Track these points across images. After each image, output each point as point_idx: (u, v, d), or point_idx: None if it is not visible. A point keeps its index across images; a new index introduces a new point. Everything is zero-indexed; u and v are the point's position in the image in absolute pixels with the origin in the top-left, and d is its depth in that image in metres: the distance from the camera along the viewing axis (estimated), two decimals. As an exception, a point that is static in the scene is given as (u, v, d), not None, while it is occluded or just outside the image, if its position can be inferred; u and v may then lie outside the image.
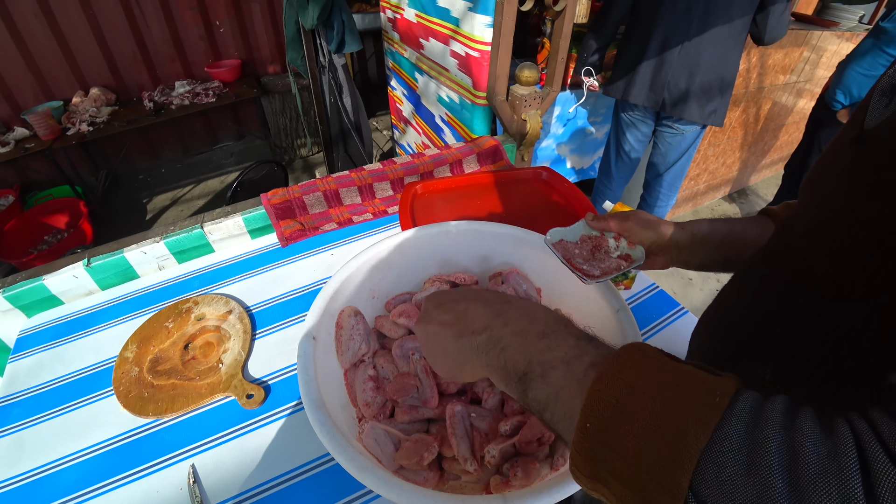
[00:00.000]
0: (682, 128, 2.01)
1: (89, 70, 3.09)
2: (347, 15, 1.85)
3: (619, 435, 0.30)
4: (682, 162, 2.16)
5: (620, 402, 0.31)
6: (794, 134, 3.49)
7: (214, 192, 3.40)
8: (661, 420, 0.29)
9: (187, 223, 1.09)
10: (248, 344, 0.85)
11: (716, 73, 1.82)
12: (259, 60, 3.68)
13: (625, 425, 0.30)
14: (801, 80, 2.95)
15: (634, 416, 0.30)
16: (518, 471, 0.53)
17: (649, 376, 0.32)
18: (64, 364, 0.89)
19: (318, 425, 0.50)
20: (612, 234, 0.70)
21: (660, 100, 1.91)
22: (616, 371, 0.32)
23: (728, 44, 1.77)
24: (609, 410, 0.31)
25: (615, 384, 0.31)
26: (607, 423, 0.31)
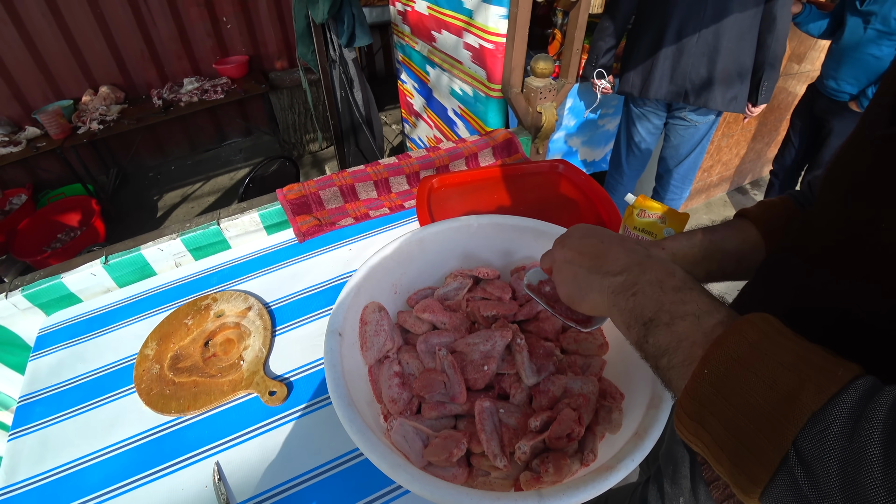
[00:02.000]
0: (695, 119, 1.96)
1: (98, 69, 3.10)
2: (358, 8, 1.83)
3: (734, 384, 0.32)
4: (695, 154, 2.11)
5: (742, 356, 0.33)
6: (809, 123, 3.43)
7: (224, 188, 3.40)
8: (779, 379, 0.31)
9: (203, 220, 1.09)
10: (268, 340, 0.85)
11: (735, 57, 1.76)
12: (266, 56, 3.67)
13: (741, 378, 0.32)
14: (815, 69, 2.89)
15: (753, 371, 0.32)
16: (549, 466, 0.52)
17: (774, 341, 0.33)
18: (84, 362, 0.89)
19: (348, 423, 0.49)
20: None
21: (682, 91, 1.84)
22: (743, 328, 0.34)
23: (744, 26, 1.71)
24: (729, 362, 0.33)
25: (740, 340, 0.34)
26: (725, 372, 0.33)
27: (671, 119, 2.05)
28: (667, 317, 0.39)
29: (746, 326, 0.34)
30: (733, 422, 0.32)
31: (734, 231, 0.63)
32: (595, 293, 0.46)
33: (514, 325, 0.69)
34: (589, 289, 0.47)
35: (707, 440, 0.34)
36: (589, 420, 0.59)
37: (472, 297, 0.76)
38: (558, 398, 0.62)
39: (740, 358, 0.33)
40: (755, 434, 0.30)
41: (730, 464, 0.32)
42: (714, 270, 0.62)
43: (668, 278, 0.42)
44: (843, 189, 0.44)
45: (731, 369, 0.33)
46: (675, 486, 0.68)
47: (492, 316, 0.71)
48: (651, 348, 0.39)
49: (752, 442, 0.30)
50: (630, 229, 0.92)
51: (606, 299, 0.45)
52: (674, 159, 2.14)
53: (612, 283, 0.45)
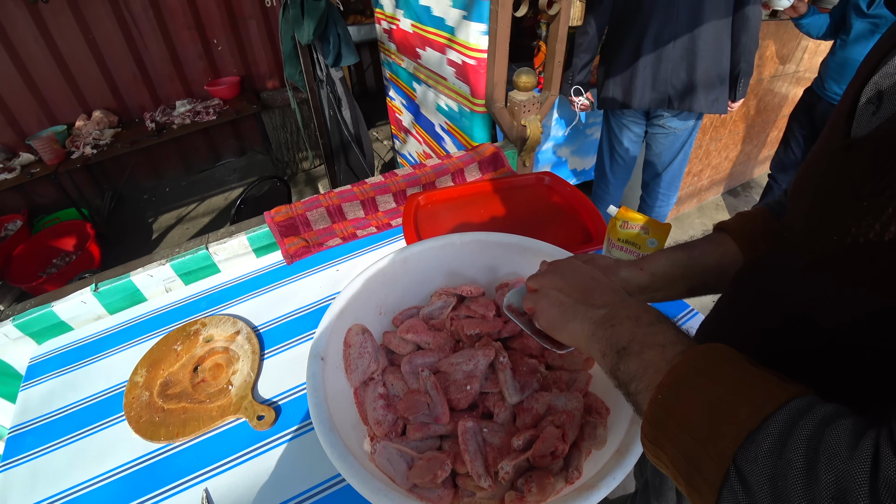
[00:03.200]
0: (675, 126, 1.97)
1: (91, 93, 3.13)
2: (343, 28, 1.86)
3: (682, 407, 0.35)
4: (678, 160, 2.11)
5: (690, 381, 0.36)
6: (797, 125, 3.47)
7: (219, 208, 3.42)
8: (722, 401, 0.33)
9: (192, 244, 1.09)
10: (256, 364, 0.85)
11: (713, 59, 1.78)
12: (258, 76, 3.71)
13: (688, 401, 0.35)
14: (799, 70, 2.93)
15: (699, 395, 0.35)
16: (533, 486, 0.53)
17: (722, 368, 0.36)
18: (75, 390, 0.90)
19: (330, 448, 0.50)
20: None
21: (665, 97, 1.85)
22: (695, 357, 0.37)
23: (719, 28, 1.74)
24: (678, 386, 0.36)
25: (690, 367, 0.37)
26: (675, 397, 0.36)
27: (650, 127, 2.05)
28: (638, 346, 0.42)
29: (698, 355, 0.37)
30: (682, 443, 0.34)
31: (714, 246, 0.64)
32: (577, 322, 0.49)
33: (497, 343, 0.69)
34: (573, 317, 0.50)
35: (665, 461, 0.36)
36: (574, 437, 0.60)
37: (456, 316, 0.77)
38: (542, 416, 0.62)
39: (689, 383, 0.36)
40: (701, 454, 0.32)
41: (684, 483, 0.34)
42: (695, 286, 0.63)
43: (644, 314, 0.45)
44: (809, 199, 0.45)
45: (679, 393, 0.36)
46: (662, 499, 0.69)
47: (475, 334, 0.72)
48: (622, 375, 0.42)
49: (699, 461, 0.32)
50: (614, 241, 0.93)
51: (587, 328, 0.48)
52: (658, 167, 2.15)
53: (595, 314, 0.48)
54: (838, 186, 0.40)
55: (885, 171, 0.35)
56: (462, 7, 1.42)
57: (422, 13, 1.69)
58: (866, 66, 0.43)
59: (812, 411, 0.30)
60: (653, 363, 0.40)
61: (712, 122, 2.58)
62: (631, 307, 0.47)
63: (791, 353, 0.44)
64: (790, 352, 0.45)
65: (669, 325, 0.44)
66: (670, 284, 0.62)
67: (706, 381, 0.35)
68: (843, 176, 0.40)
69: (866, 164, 0.37)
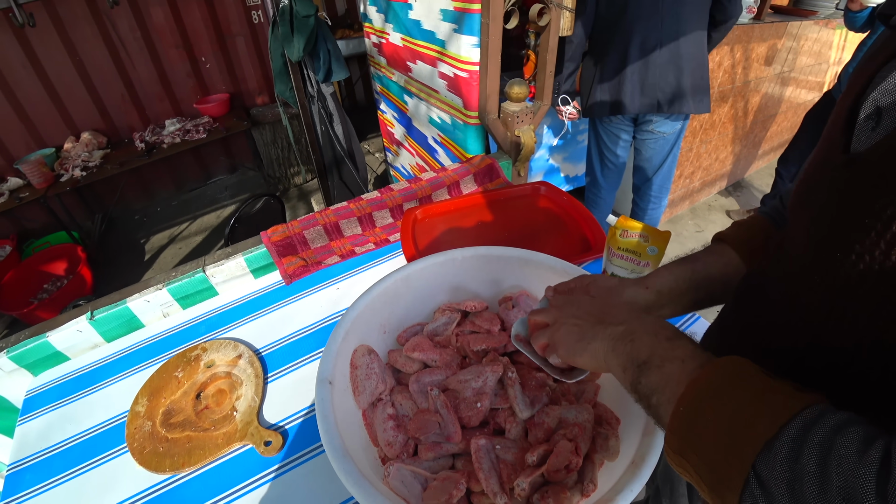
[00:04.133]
0: (663, 130, 2.00)
1: (79, 115, 3.11)
2: (332, 44, 1.86)
3: (704, 419, 0.37)
4: (668, 163, 2.14)
5: (711, 393, 0.37)
6: (783, 123, 3.52)
7: (211, 227, 3.40)
8: (740, 412, 0.35)
9: (189, 267, 1.08)
10: (261, 388, 0.84)
11: (698, 62, 1.83)
12: (247, 93, 3.71)
13: (709, 413, 0.37)
14: (785, 70, 2.98)
15: (719, 407, 0.36)
16: (549, 501, 0.52)
17: (740, 379, 0.38)
18: (74, 423, 0.88)
19: (344, 475, 0.49)
20: None
21: (654, 102, 1.88)
22: (715, 370, 0.39)
23: (698, 28, 1.79)
24: (699, 399, 0.38)
25: (710, 380, 0.38)
26: (696, 409, 0.38)
27: (639, 133, 2.08)
28: (658, 360, 0.43)
29: (718, 368, 0.39)
30: (706, 453, 0.36)
31: (715, 257, 0.64)
32: (598, 341, 0.50)
33: (504, 359, 0.69)
34: (592, 338, 0.51)
35: (690, 471, 0.37)
36: (586, 449, 0.59)
37: (461, 332, 0.77)
38: (554, 430, 0.62)
39: (709, 395, 0.37)
40: (723, 462, 0.34)
41: (708, 490, 0.36)
42: (701, 298, 0.63)
43: (662, 330, 0.47)
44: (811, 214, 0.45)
45: (701, 406, 0.37)
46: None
47: (482, 350, 0.71)
48: (643, 388, 0.44)
49: (722, 469, 0.34)
50: (614, 250, 0.93)
51: (607, 345, 0.49)
52: (649, 171, 2.18)
53: (614, 331, 0.49)
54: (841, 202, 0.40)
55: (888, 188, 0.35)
56: (453, 20, 1.43)
57: (412, 27, 1.70)
58: (860, 79, 0.44)
59: (824, 419, 0.32)
60: (673, 376, 0.41)
61: (702, 124, 2.62)
62: (648, 323, 0.49)
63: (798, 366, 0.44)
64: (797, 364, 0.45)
65: (688, 340, 0.45)
66: (676, 300, 0.62)
67: (725, 393, 0.37)
68: (846, 192, 0.40)
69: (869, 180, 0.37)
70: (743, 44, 2.45)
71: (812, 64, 3.21)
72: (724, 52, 2.37)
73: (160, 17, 3.12)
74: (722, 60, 2.39)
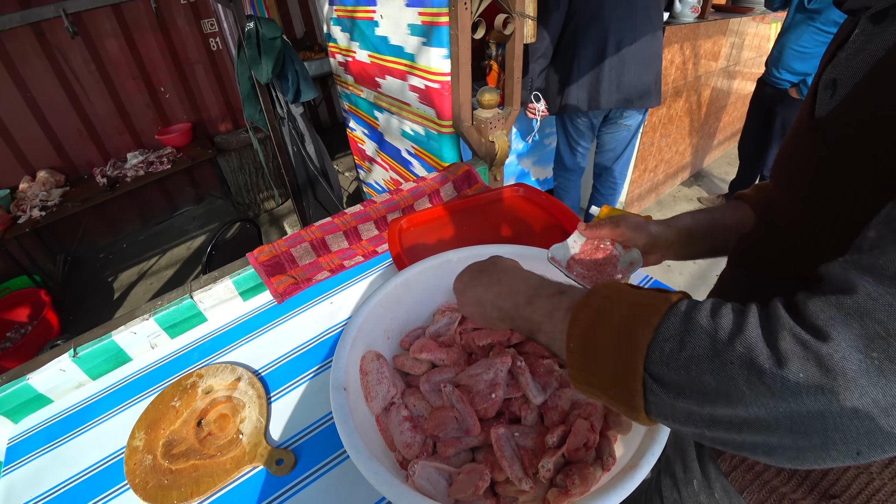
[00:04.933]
0: (630, 123, 2.15)
1: (34, 153, 3.00)
2: (300, 65, 1.87)
3: (593, 344, 0.41)
4: (629, 150, 2.32)
5: (591, 320, 0.42)
6: (734, 114, 3.72)
7: (182, 259, 3.30)
8: (620, 328, 0.40)
9: (175, 295, 1.06)
10: (265, 409, 0.83)
11: (658, 56, 1.97)
12: (209, 121, 3.66)
13: (596, 337, 0.41)
14: (731, 64, 3.16)
15: (601, 328, 0.41)
16: (575, 478, 0.54)
17: (612, 299, 0.42)
18: (67, 466, 0.84)
19: (373, 476, 0.49)
20: (608, 240, 0.72)
21: (630, 98, 2.00)
22: (589, 300, 0.44)
23: (660, 27, 1.94)
24: (584, 328, 0.42)
25: (586, 311, 0.43)
26: (583, 340, 0.42)
27: (606, 126, 2.22)
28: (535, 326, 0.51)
29: (591, 297, 0.44)
30: (605, 373, 0.40)
31: (732, 210, 0.70)
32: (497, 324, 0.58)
33: (511, 350, 0.70)
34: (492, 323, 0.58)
35: (599, 395, 0.42)
36: (600, 426, 0.61)
37: (464, 330, 0.78)
38: (568, 411, 0.63)
39: (590, 322, 0.42)
40: (622, 375, 0.39)
41: (619, 403, 0.40)
42: (717, 245, 0.69)
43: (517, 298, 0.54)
44: (785, 175, 0.51)
45: (586, 333, 0.42)
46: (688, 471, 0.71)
47: (487, 344, 0.72)
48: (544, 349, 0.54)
49: (623, 381, 0.39)
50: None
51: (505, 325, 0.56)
52: (611, 159, 2.34)
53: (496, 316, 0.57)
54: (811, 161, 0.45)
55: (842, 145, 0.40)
56: (421, 34, 1.46)
57: (379, 43, 1.73)
58: (824, 59, 0.49)
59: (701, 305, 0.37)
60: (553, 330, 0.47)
61: (661, 119, 2.73)
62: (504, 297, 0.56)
63: None
64: None
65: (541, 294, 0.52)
66: (695, 241, 0.68)
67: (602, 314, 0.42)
68: (814, 152, 0.45)
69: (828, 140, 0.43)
70: (691, 41, 2.58)
71: (754, 56, 3.41)
72: (675, 50, 2.50)
73: (115, 48, 3.05)
74: (674, 58, 2.52)
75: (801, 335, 0.31)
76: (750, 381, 0.32)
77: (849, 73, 0.42)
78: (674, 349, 0.36)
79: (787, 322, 0.32)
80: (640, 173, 2.89)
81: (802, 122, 0.49)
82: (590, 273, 0.69)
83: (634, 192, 2.97)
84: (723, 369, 0.33)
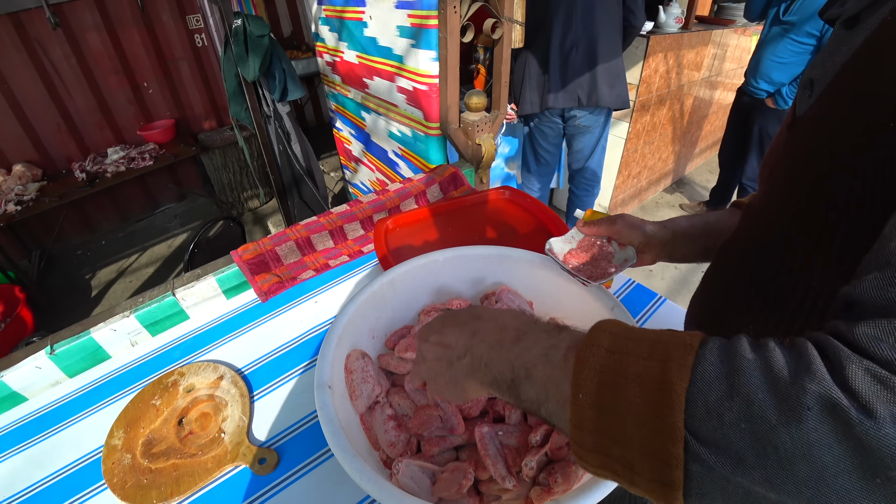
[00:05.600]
0: (588, 123, 2.22)
1: (9, 147, 2.92)
2: (287, 63, 1.86)
3: (610, 394, 0.32)
4: (597, 153, 2.39)
5: (604, 363, 0.33)
6: (716, 123, 3.81)
7: (163, 257, 3.25)
8: (645, 372, 0.31)
9: (157, 292, 1.04)
10: (247, 407, 0.82)
11: (610, 60, 2.05)
12: (193, 118, 3.61)
13: (614, 384, 0.32)
14: (713, 74, 3.24)
15: (620, 374, 0.32)
16: (557, 476, 0.54)
17: (623, 339, 0.34)
18: (41, 467, 0.82)
19: (357, 474, 0.49)
20: (605, 237, 0.74)
21: (575, 96, 2.11)
22: (595, 338, 0.35)
23: (611, 32, 2.03)
24: (596, 374, 0.33)
25: (595, 352, 0.34)
26: (597, 387, 0.32)
27: (568, 128, 2.31)
28: (522, 371, 0.39)
29: (597, 335, 0.35)
30: (628, 436, 0.31)
31: (727, 215, 0.72)
32: (467, 379, 0.46)
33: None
34: (458, 381, 0.47)
35: (618, 469, 0.32)
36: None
37: (450, 330, 0.78)
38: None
39: (604, 367, 0.33)
40: (651, 437, 0.29)
41: (646, 479, 0.31)
42: (710, 248, 0.70)
43: (503, 335, 0.43)
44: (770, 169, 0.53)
45: (601, 380, 0.32)
46: None
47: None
48: (528, 404, 0.39)
49: (653, 447, 0.29)
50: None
51: (474, 380, 0.45)
52: (580, 161, 2.42)
53: (464, 365, 0.45)
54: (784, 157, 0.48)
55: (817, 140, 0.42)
56: (410, 36, 1.47)
57: (367, 44, 1.73)
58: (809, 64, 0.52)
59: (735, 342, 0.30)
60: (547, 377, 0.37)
61: (644, 126, 2.78)
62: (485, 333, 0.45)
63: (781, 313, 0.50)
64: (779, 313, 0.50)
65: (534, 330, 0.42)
66: (690, 241, 0.69)
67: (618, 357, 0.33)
68: (793, 148, 0.47)
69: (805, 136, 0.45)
70: (675, 51, 2.64)
71: (735, 68, 3.50)
72: (659, 59, 2.55)
73: (97, 42, 2.99)
74: (658, 67, 2.57)
75: (873, 370, 0.25)
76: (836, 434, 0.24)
77: (823, 74, 0.45)
78: (721, 396, 0.27)
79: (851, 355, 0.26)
80: (623, 179, 2.94)
81: (787, 120, 0.52)
82: (584, 267, 0.71)
83: (618, 197, 3.02)
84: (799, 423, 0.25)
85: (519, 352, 0.40)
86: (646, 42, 2.41)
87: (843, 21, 0.43)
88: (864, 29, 0.41)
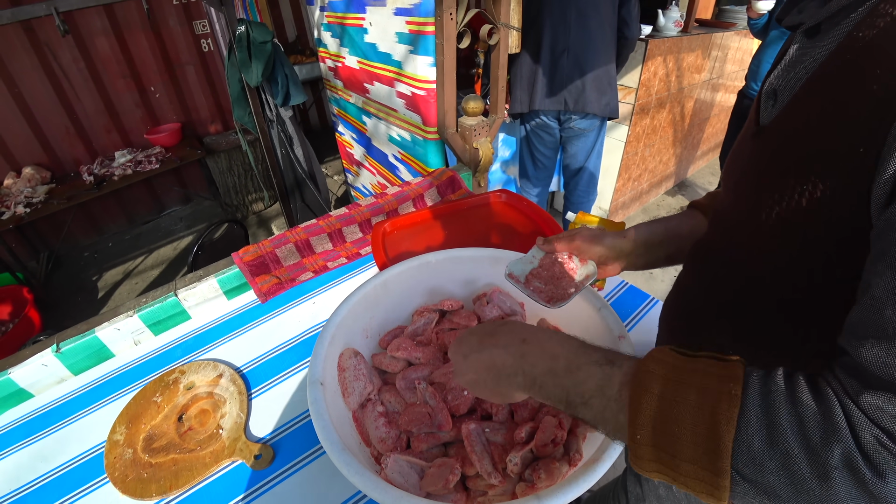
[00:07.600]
0: (583, 127, 2.23)
1: (19, 150, 2.97)
2: (290, 68, 1.89)
3: (664, 439, 0.38)
4: (593, 159, 2.40)
5: (656, 412, 0.38)
6: (717, 125, 3.81)
7: (168, 259, 3.29)
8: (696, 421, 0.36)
9: (159, 293, 1.07)
10: (245, 405, 0.84)
11: (600, 67, 2.07)
12: (199, 121, 3.66)
13: (665, 435, 0.38)
14: (714, 77, 3.24)
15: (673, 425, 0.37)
16: (541, 473, 0.56)
17: (674, 380, 0.39)
18: (46, 460, 0.84)
19: (345, 467, 0.51)
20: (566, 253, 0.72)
21: (561, 99, 2.13)
22: (643, 385, 0.40)
23: (604, 40, 2.04)
24: (649, 419, 0.39)
25: (647, 399, 0.39)
26: (652, 433, 0.38)
27: (563, 131, 2.32)
28: (578, 398, 0.44)
29: (647, 378, 0.40)
30: (684, 468, 0.37)
31: (687, 218, 0.73)
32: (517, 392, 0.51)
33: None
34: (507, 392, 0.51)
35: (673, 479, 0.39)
36: (569, 424, 0.64)
37: (441, 330, 0.80)
38: (538, 409, 0.66)
39: (656, 413, 0.38)
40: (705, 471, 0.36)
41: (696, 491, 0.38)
42: (673, 253, 0.71)
43: (554, 364, 0.47)
44: (735, 178, 0.54)
45: (655, 426, 0.38)
46: None
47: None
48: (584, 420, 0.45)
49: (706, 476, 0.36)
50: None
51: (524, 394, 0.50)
52: (576, 165, 2.43)
53: (517, 383, 0.50)
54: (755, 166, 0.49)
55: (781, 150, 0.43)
56: (408, 42, 1.50)
57: (368, 50, 1.76)
58: (770, 71, 0.53)
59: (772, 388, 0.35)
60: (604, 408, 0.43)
61: (644, 129, 2.79)
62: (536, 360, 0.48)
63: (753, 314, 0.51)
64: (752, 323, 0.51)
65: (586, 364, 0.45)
66: (651, 250, 0.70)
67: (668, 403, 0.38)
68: (758, 157, 0.48)
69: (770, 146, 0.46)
70: (674, 54, 2.65)
71: (737, 70, 3.50)
72: (659, 63, 2.56)
73: (105, 47, 3.05)
74: (657, 70, 2.58)
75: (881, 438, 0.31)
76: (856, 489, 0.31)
77: (787, 85, 0.46)
78: (762, 447, 0.33)
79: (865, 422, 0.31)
80: (623, 182, 2.95)
81: (749, 128, 0.53)
82: (546, 287, 0.69)
83: (619, 200, 3.03)
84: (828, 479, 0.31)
85: (573, 383, 0.45)
86: (644, 46, 2.43)
87: (805, 31, 0.45)
88: (827, 41, 0.42)
